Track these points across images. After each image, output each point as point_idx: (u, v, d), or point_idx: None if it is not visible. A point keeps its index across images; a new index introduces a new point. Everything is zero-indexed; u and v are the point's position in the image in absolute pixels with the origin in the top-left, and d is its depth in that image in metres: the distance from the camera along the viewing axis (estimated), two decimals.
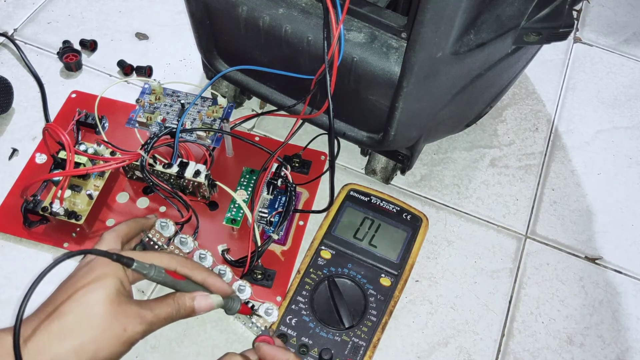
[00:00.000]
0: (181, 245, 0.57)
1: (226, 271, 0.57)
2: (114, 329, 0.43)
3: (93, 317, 0.43)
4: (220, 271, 0.57)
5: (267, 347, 0.51)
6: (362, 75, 0.55)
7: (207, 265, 0.57)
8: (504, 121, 0.77)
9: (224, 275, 0.57)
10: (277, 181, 0.62)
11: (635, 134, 0.78)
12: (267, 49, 0.60)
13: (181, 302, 0.48)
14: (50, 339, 0.42)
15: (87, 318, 0.43)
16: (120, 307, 0.44)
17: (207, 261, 0.57)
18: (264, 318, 0.57)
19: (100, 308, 0.43)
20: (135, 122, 0.66)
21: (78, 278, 0.45)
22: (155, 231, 0.57)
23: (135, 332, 0.44)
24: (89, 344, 0.42)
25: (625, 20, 0.90)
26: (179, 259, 0.50)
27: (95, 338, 0.42)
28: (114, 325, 0.43)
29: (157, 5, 0.85)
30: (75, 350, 0.42)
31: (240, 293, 0.56)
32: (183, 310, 0.48)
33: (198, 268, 0.51)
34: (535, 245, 0.68)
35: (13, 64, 0.78)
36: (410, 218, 0.64)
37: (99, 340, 0.42)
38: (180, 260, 0.50)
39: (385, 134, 0.59)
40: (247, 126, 0.74)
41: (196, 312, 0.49)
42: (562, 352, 0.61)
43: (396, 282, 0.60)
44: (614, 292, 0.65)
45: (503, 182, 0.72)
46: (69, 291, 0.44)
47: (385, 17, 0.54)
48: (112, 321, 0.43)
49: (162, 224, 0.57)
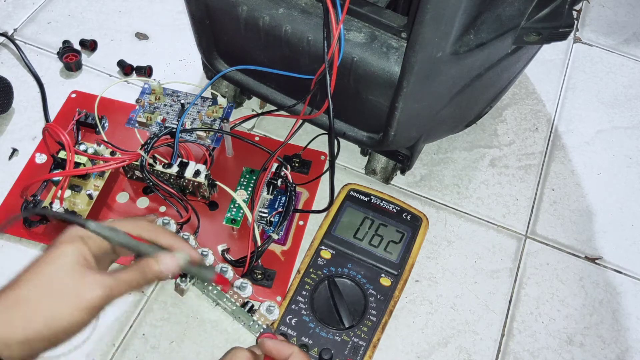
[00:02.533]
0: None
1: (228, 269, 0.57)
2: (70, 296, 0.42)
3: (48, 285, 0.42)
4: (222, 269, 0.57)
5: (272, 342, 0.51)
6: (362, 75, 0.55)
7: (209, 264, 0.58)
8: (504, 121, 0.77)
9: (226, 273, 0.57)
10: (277, 181, 0.62)
11: (635, 134, 0.78)
12: (267, 49, 0.60)
13: (145, 264, 0.46)
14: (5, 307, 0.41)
15: (42, 286, 0.42)
16: (77, 274, 0.43)
17: (209, 259, 0.58)
18: (265, 316, 0.57)
19: (56, 276, 0.43)
20: (135, 122, 0.66)
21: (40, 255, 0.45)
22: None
23: (93, 297, 0.42)
24: (43, 311, 0.41)
25: (625, 20, 0.90)
26: (143, 224, 0.48)
27: (50, 305, 0.42)
28: (70, 292, 0.42)
29: (157, 5, 0.85)
30: (29, 318, 0.41)
31: (241, 291, 0.57)
32: (148, 273, 0.46)
33: (164, 232, 0.49)
34: (535, 245, 0.68)
35: (13, 64, 0.78)
36: (410, 218, 0.64)
37: (55, 307, 0.42)
38: (145, 225, 0.48)
39: (385, 134, 0.59)
40: (247, 126, 0.74)
41: (163, 274, 0.47)
42: (562, 352, 0.61)
43: (396, 282, 0.60)
44: (614, 292, 0.65)
45: (503, 182, 0.72)
46: (29, 266, 0.44)
47: (385, 17, 0.54)
48: (68, 288, 0.42)
49: (164, 221, 0.57)
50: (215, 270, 0.54)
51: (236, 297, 0.58)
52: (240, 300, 0.58)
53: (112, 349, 0.58)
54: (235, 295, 0.58)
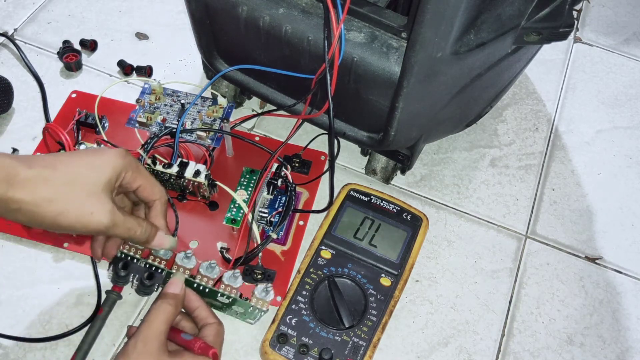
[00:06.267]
0: (186, 260, 0.58)
1: (215, 266, 0.58)
2: (86, 204, 0.46)
3: (77, 184, 0.46)
4: (211, 264, 0.57)
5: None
6: (362, 75, 0.55)
7: (192, 265, 0.58)
8: (504, 121, 0.77)
9: (213, 269, 0.58)
10: (277, 181, 0.62)
11: (635, 134, 0.78)
12: (267, 48, 0.60)
13: (147, 227, 0.52)
14: (36, 180, 0.45)
15: (71, 182, 0.46)
16: (102, 193, 0.47)
17: (192, 261, 0.58)
18: (263, 299, 0.57)
19: (86, 181, 0.47)
20: (136, 122, 0.66)
21: (87, 151, 0.50)
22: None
23: (99, 220, 0.47)
24: (60, 200, 0.45)
25: (625, 20, 0.90)
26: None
27: (67, 200, 0.46)
28: (88, 202, 0.46)
29: (157, 5, 0.85)
30: (48, 199, 0.45)
31: (233, 283, 0.57)
32: (143, 233, 0.51)
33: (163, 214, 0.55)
34: (536, 245, 0.68)
35: (13, 64, 0.78)
36: (410, 218, 0.64)
37: (70, 203, 0.46)
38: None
39: (385, 134, 0.59)
40: (247, 126, 0.74)
41: (148, 243, 0.53)
42: (562, 352, 0.61)
43: (396, 282, 0.60)
44: (614, 292, 0.65)
45: (503, 182, 0.72)
46: (73, 156, 0.48)
47: (385, 17, 0.54)
48: (89, 197, 0.47)
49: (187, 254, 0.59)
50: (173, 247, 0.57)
51: (229, 289, 0.58)
52: (234, 292, 0.57)
53: (112, 349, 0.58)
54: (228, 287, 0.58)
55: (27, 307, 0.59)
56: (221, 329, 0.54)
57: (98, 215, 0.47)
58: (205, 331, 0.53)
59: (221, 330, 0.54)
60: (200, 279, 0.58)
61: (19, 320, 0.59)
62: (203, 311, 0.55)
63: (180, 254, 0.58)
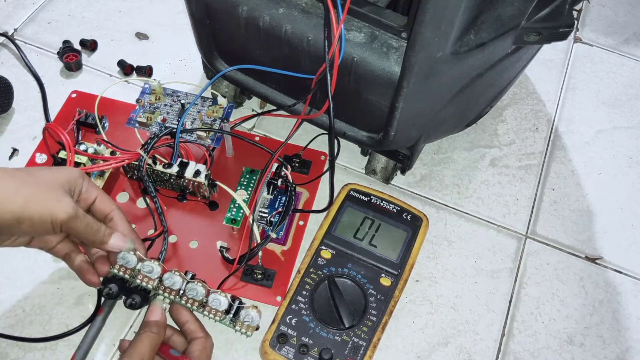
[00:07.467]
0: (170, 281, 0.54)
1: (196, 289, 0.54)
2: (52, 193, 0.48)
3: (40, 180, 0.49)
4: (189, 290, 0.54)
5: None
6: (362, 75, 0.55)
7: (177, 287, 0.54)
8: (504, 121, 0.77)
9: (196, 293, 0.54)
10: (277, 181, 0.62)
11: (635, 134, 0.78)
12: (267, 48, 0.60)
13: (103, 228, 0.52)
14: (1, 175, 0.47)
15: (34, 177, 0.49)
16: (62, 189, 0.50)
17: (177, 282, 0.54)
18: (247, 324, 0.54)
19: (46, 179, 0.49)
20: (136, 122, 0.66)
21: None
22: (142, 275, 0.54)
23: (65, 209, 0.48)
24: (27, 189, 0.47)
25: (625, 20, 0.90)
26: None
27: (34, 190, 0.47)
28: (53, 192, 0.48)
29: (157, 5, 0.85)
30: (15, 188, 0.47)
31: (218, 306, 0.54)
32: (100, 235, 0.52)
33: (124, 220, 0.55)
34: (536, 245, 0.68)
35: (13, 64, 0.78)
36: (410, 218, 0.64)
37: (37, 191, 0.48)
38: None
39: (385, 134, 0.59)
40: (247, 126, 0.74)
41: (104, 245, 0.53)
42: (562, 352, 0.61)
43: (396, 282, 0.60)
44: (614, 292, 0.65)
45: (503, 182, 0.72)
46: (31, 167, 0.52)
47: (385, 17, 0.54)
48: (53, 189, 0.49)
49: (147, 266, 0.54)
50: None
51: (214, 312, 0.54)
52: (219, 314, 0.54)
53: (112, 349, 0.58)
54: (213, 311, 0.54)
55: (27, 307, 0.59)
56: (208, 343, 0.54)
57: (64, 204, 0.48)
58: (193, 346, 0.53)
59: (208, 344, 0.54)
60: (186, 302, 0.54)
61: (19, 320, 0.59)
62: (192, 324, 0.55)
63: (167, 273, 0.54)
